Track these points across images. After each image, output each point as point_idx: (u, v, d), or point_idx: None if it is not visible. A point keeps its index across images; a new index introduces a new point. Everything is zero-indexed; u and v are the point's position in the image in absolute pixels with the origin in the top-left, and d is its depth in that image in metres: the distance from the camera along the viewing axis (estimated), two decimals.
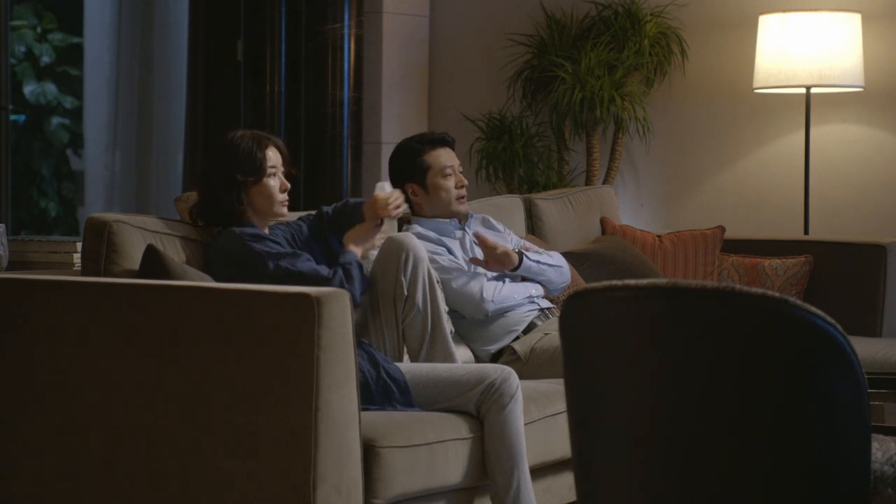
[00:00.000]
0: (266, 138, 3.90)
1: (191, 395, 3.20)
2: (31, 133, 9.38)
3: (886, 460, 2.37)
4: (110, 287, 3.41)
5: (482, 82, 6.48)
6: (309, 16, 6.33)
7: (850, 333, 2.30)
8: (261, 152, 3.85)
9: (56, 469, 3.37)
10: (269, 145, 3.88)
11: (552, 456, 3.90)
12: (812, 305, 2.23)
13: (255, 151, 3.84)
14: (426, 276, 3.89)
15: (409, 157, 4.50)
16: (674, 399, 2.32)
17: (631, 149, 6.20)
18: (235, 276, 3.66)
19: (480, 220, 4.70)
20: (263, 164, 3.85)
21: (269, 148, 3.88)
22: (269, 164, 3.86)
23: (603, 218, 5.44)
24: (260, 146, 3.86)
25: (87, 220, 3.77)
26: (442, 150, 4.51)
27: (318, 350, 3.06)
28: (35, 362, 3.41)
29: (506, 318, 4.46)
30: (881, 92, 5.72)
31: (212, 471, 3.17)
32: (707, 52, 6.07)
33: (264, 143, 3.88)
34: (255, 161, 3.84)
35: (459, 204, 4.53)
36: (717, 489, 2.30)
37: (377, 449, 3.34)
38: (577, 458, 2.52)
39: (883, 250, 5.12)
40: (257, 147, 3.85)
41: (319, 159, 6.30)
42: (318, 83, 6.30)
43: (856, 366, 2.25)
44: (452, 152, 4.54)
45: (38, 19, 9.45)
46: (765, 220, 5.93)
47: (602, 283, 2.38)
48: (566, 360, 2.49)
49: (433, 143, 4.52)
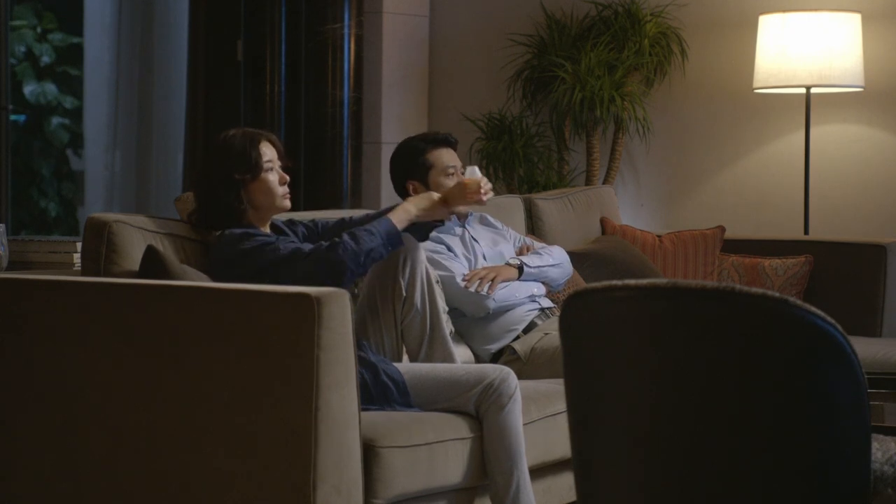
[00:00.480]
0: (258, 134, 3.88)
1: (191, 395, 3.20)
2: (31, 133, 9.38)
3: (886, 460, 2.37)
4: (110, 287, 3.40)
5: (482, 82, 6.48)
6: (309, 16, 6.33)
7: (850, 333, 2.30)
8: (255, 149, 3.83)
9: (56, 469, 3.36)
10: (262, 140, 3.87)
11: (552, 456, 3.90)
12: (812, 305, 2.23)
13: (249, 148, 3.83)
14: (424, 277, 3.89)
15: (412, 155, 4.50)
16: (674, 399, 2.32)
17: (631, 149, 6.21)
18: (238, 279, 3.64)
19: (478, 219, 4.71)
20: (259, 161, 3.83)
21: (262, 143, 3.86)
22: (264, 160, 3.84)
23: (603, 218, 5.44)
24: (253, 143, 3.84)
25: (87, 220, 3.76)
26: (445, 150, 4.52)
27: (318, 350, 3.06)
28: (35, 362, 3.41)
29: (506, 316, 4.46)
30: (881, 92, 5.72)
31: (212, 471, 3.17)
32: (707, 52, 6.07)
33: (257, 139, 3.86)
34: (251, 158, 3.82)
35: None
36: (718, 489, 2.30)
37: (377, 449, 3.34)
38: (577, 458, 2.52)
39: (883, 250, 5.12)
40: (250, 144, 3.83)
41: (319, 159, 6.30)
42: (318, 83, 6.30)
43: (856, 366, 2.25)
44: (455, 153, 4.54)
45: (38, 19, 9.44)
46: (765, 220, 5.93)
47: (602, 283, 2.38)
48: (566, 360, 2.49)
49: (436, 143, 4.52)
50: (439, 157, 4.50)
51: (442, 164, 4.49)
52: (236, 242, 3.72)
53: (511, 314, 4.46)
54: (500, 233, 4.69)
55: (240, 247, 3.71)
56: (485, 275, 4.41)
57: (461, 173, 4.51)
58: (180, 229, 3.89)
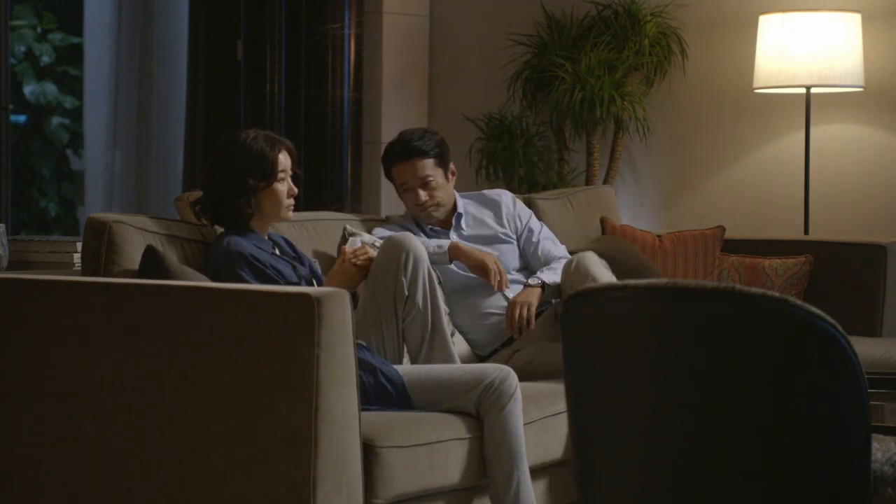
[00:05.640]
0: (278, 141, 3.87)
1: (191, 394, 3.20)
2: (31, 133, 9.38)
3: (886, 460, 2.37)
4: (110, 287, 3.40)
5: (482, 82, 6.48)
6: (309, 16, 6.33)
7: (850, 333, 2.30)
8: (273, 156, 3.83)
9: (56, 469, 3.36)
10: (281, 149, 3.86)
11: (552, 456, 3.90)
12: (812, 305, 2.23)
13: (268, 154, 3.82)
14: (426, 276, 3.89)
15: (386, 171, 4.50)
16: (674, 399, 2.32)
17: (631, 149, 6.20)
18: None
19: (473, 223, 4.62)
20: (275, 169, 3.83)
21: (280, 151, 3.86)
22: (279, 169, 3.84)
23: (603, 218, 5.44)
24: (273, 149, 3.84)
25: (87, 220, 3.77)
26: (401, 166, 4.44)
27: (318, 350, 3.06)
28: (35, 362, 3.41)
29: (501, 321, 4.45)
30: (881, 92, 5.72)
31: (211, 470, 3.17)
32: (707, 52, 6.07)
33: (277, 146, 3.85)
34: (268, 165, 3.82)
35: (426, 216, 4.48)
36: (718, 489, 2.30)
37: (377, 449, 3.34)
38: (577, 458, 2.52)
39: (883, 250, 5.12)
40: (270, 150, 3.83)
41: (319, 159, 6.31)
42: (318, 83, 6.31)
43: (856, 366, 2.25)
44: (414, 164, 4.41)
45: (38, 19, 9.45)
46: (765, 220, 5.93)
47: (602, 283, 2.38)
48: (566, 360, 2.49)
49: (393, 158, 4.46)
50: (397, 175, 4.47)
51: (398, 182, 4.48)
52: (231, 261, 3.73)
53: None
54: (497, 237, 4.60)
55: (232, 267, 3.72)
56: (523, 314, 4.33)
57: (425, 184, 4.42)
58: (180, 229, 3.89)
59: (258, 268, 3.73)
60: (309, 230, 4.37)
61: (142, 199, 8.38)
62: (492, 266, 4.34)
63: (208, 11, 6.58)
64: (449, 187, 4.51)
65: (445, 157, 4.49)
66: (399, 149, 4.45)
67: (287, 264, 3.87)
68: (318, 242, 4.36)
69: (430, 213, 4.46)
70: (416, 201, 4.44)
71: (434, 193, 4.44)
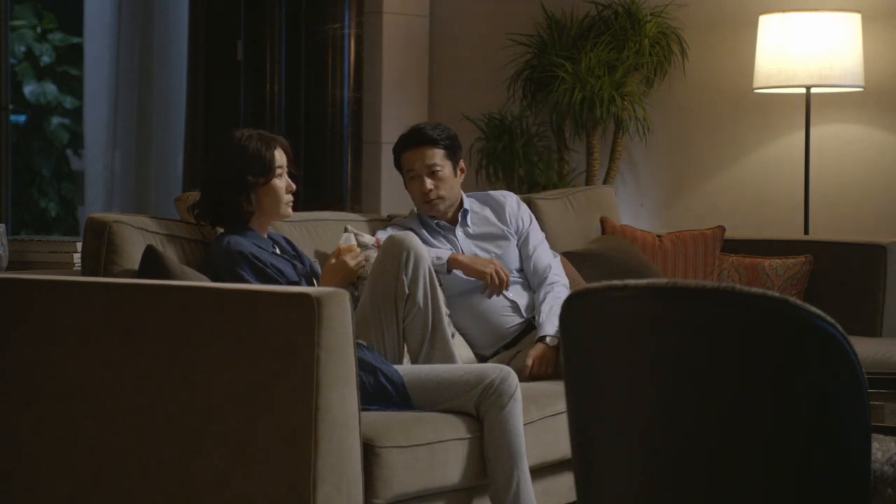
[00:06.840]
0: (273, 139, 3.90)
1: (191, 394, 3.20)
2: (31, 133, 9.39)
3: (886, 460, 2.37)
4: (110, 287, 3.41)
5: (482, 82, 6.48)
6: (309, 16, 6.33)
7: (850, 333, 2.30)
8: (269, 153, 3.85)
9: (56, 469, 3.36)
10: (276, 146, 3.89)
11: (552, 456, 3.90)
12: (812, 305, 2.23)
13: (264, 152, 3.85)
14: (427, 275, 3.89)
15: (396, 159, 4.50)
16: (674, 399, 2.32)
17: (631, 149, 6.20)
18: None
19: (482, 201, 4.61)
20: (272, 165, 3.85)
21: (276, 148, 3.88)
22: (276, 165, 3.86)
23: (603, 218, 5.44)
24: (269, 147, 3.86)
25: (87, 220, 3.77)
26: (411, 153, 4.45)
27: (318, 350, 3.06)
28: (35, 362, 3.41)
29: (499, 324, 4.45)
30: (881, 92, 5.72)
31: (211, 470, 3.17)
32: (707, 52, 6.07)
33: (272, 143, 3.88)
34: (265, 162, 3.84)
35: (429, 207, 4.47)
36: (718, 489, 2.30)
37: (377, 449, 3.34)
38: (577, 458, 2.52)
39: (883, 250, 5.12)
40: (266, 148, 3.86)
41: (319, 159, 6.30)
42: (318, 83, 6.31)
43: (856, 366, 2.25)
44: (423, 151, 4.43)
45: (38, 19, 9.45)
46: (765, 220, 5.93)
47: (602, 283, 2.38)
48: (566, 360, 2.49)
49: (404, 145, 4.47)
50: (406, 161, 4.47)
51: (405, 169, 4.48)
52: (231, 261, 3.73)
53: (501, 322, 4.45)
54: (502, 234, 4.60)
55: (233, 266, 3.73)
56: (544, 371, 4.25)
57: (432, 172, 4.44)
58: (180, 229, 3.89)
59: (259, 267, 3.74)
60: (309, 230, 4.37)
61: (142, 199, 8.38)
62: (489, 273, 4.34)
63: (208, 11, 6.59)
64: (456, 183, 4.49)
65: (456, 152, 4.48)
66: (411, 136, 4.47)
67: (287, 263, 3.88)
68: (318, 242, 4.36)
69: (433, 204, 4.45)
70: (420, 189, 4.43)
71: (440, 184, 4.43)
